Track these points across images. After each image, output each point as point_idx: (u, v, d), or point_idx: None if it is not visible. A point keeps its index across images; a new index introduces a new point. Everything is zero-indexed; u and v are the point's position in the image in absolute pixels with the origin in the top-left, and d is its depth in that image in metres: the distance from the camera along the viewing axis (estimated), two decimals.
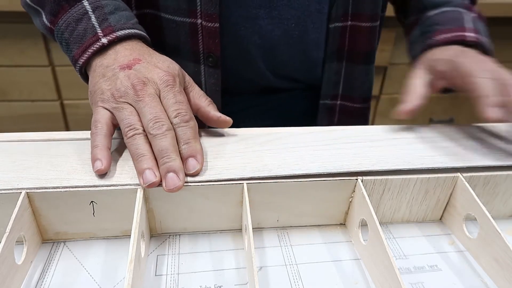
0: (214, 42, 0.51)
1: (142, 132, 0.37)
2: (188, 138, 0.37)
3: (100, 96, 0.40)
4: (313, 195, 0.38)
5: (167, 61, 0.42)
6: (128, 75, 0.39)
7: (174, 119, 0.38)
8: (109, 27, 0.43)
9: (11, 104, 1.34)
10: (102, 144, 0.37)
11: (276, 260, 0.37)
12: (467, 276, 0.36)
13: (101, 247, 0.37)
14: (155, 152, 0.36)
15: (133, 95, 0.38)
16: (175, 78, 0.40)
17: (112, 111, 0.39)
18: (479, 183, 0.40)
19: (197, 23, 0.51)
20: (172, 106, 0.38)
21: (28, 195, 0.34)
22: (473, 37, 0.51)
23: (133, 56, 0.41)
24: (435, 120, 1.60)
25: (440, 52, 0.50)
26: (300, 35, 0.55)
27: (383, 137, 0.44)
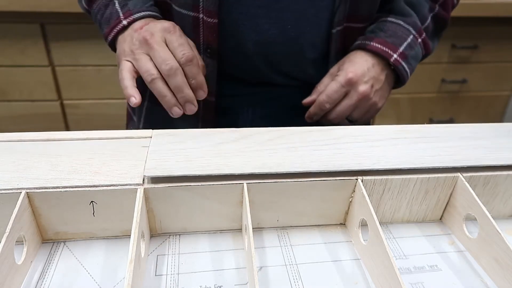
0: (213, 36, 0.55)
1: (158, 75, 0.48)
2: (194, 74, 0.49)
3: (123, 54, 0.51)
4: (313, 195, 0.38)
5: (171, 24, 0.51)
6: (140, 32, 0.50)
7: (181, 60, 0.48)
8: (128, 11, 0.53)
9: (11, 104, 1.34)
10: (130, 85, 0.48)
11: (276, 260, 0.37)
12: (467, 276, 0.36)
13: (101, 247, 0.37)
14: (171, 89, 0.48)
15: (145, 45, 0.49)
16: (175, 26, 0.50)
17: (132, 62, 0.50)
18: (479, 183, 0.40)
19: (199, 17, 0.55)
20: (177, 49, 0.48)
21: (28, 195, 0.34)
22: (397, 62, 0.57)
23: (146, 22, 0.52)
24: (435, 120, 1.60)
25: (359, 57, 0.57)
26: (296, 37, 0.57)
27: (383, 137, 0.44)
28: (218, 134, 0.43)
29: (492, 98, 1.61)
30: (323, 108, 0.56)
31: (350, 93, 0.55)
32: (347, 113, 0.57)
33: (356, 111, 0.57)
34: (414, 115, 1.57)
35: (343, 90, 0.55)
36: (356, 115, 0.58)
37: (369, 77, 0.56)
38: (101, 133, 0.42)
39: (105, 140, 0.41)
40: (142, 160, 0.38)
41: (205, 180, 0.36)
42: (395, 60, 0.57)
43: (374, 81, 0.56)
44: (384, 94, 0.59)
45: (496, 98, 1.61)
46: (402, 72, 0.58)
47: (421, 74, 1.49)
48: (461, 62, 1.50)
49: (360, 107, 0.57)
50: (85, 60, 1.28)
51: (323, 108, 0.56)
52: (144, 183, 0.35)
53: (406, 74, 0.58)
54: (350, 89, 0.55)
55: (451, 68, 1.50)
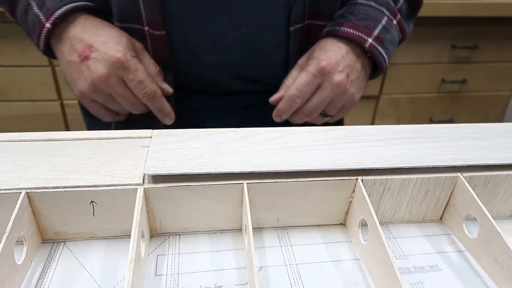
0: (163, 48, 0.52)
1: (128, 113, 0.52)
2: (158, 107, 0.50)
3: (79, 92, 0.49)
4: (313, 195, 0.38)
5: (114, 37, 0.47)
6: (89, 70, 0.46)
7: (143, 99, 0.48)
8: (47, 11, 0.47)
9: (11, 104, 1.34)
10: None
11: (276, 260, 0.37)
12: (467, 276, 0.36)
13: (101, 247, 0.37)
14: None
15: (102, 88, 0.47)
16: (127, 59, 0.46)
17: (96, 100, 0.49)
18: (479, 183, 0.40)
19: (144, 30, 0.51)
20: (136, 89, 0.47)
21: (28, 195, 0.34)
22: (372, 47, 0.50)
23: (85, 41, 0.47)
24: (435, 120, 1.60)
25: (330, 44, 0.51)
26: (254, 40, 0.53)
27: (383, 137, 0.44)
28: (218, 134, 0.43)
29: (492, 98, 1.61)
30: (293, 104, 0.50)
31: (324, 85, 0.49)
32: (320, 108, 0.51)
33: (331, 105, 0.51)
34: (414, 115, 1.57)
35: (316, 82, 0.49)
36: (331, 109, 0.52)
37: (344, 66, 0.49)
38: (101, 133, 0.42)
39: (105, 140, 0.41)
40: (142, 160, 0.38)
41: (205, 179, 0.36)
42: (370, 46, 0.50)
43: (350, 70, 0.50)
44: (361, 85, 0.53)
45: (496, 98, 1.61)
46: (379, 59, 0.52)
47: (421, 74, 1.49)
48: (461, 62, 1.50)
49: (336, 100, 0.51)
50: None
51: (293, 104, 0.50)
52: (144, 183, 0.35)
53: (383, 60, 0.52)
54: (323, 80, 0.49)
55: (451, 68, 1.50)
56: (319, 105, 0.50)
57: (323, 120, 0.54)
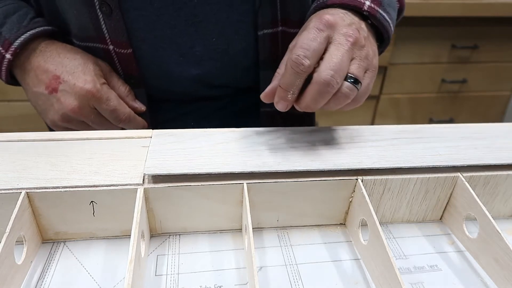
0: (132, 65, 0.50)
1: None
2: (134, 127, 0.50)
3: (50, 122, 0.48)
4: (313, 195, 0.38)
5: (80, 65, 0.47)
6: (60, 102, 0.46)
7: (118, 125, 0.49)
8: (5, 41, 0.45)
9: (11, 104, 1.34)
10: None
11: (276, 260, 0.37)
12: (467, 276, 0.36)
13: (101, 247, 0.37)
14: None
15: (76, 118, 0.47)
16: (97, 89, 0.46)
17: (69, 127, 0.49)
18: (479, 183, 0.40)
19: (109, 49, 0.49)
20: (110, 117, 0.48)
21: (28, 195, 0.34)
22: (372, 10, 0.42)
23: (50, 72, 0.46)
24: (435, 120, 1.60)
25: (322, 12, 0.41)
26: (225, 47, 0.51)
27: (383, 137, 0.44)
28: (218, 134, 0.43)
29: (492, 98, 1.61)
30: (300, 67, 0.35)
31: (335, 39, 0.37)
32: (345, 66, 0.36)
33: (354, 65, 0.38)
34: (414, 115, 1.57)
35: (323, 35, 0.37)
36: (356, 70, 0.37)
37: (350, 21, 0.40)
38: (101, 133, 0.42)
39: (105, 140, 0.41)
40: (142, 160, 0.38)
41: (205, 179, 0.36)
42: (369, 8, 0.42)
43: (358, 27, 0.40)
44: (375, 49, 0.42)
45: (496, 98, 1.61)
46: (383, 22, 0.43)
47: (421, 74, 1.49)
48: (461, 62, 1.50)
49: (357, 59, 0.38)
50: None
51: (300, 69, 0.36)
52: (144, 183, 0.35)
53: (388, 24, 0.44)
54: (331, 34, 0.38)
55: (451, 68, 1.50)
56: (342, 62, 0.36)
57: (353, 91, 0.37)
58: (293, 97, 0.37)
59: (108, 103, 0.47)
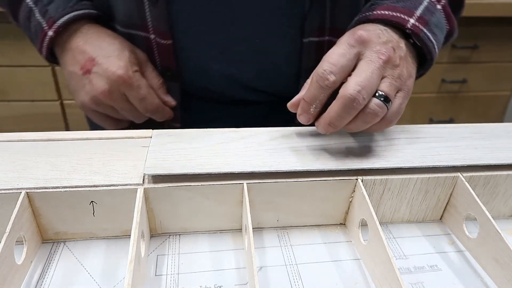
0: (169, 58, 0.50)
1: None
2: (161, 118, 0.50)
3: (80, 104, 0.48)
4: (313, 195, 0.38)
5: (116, 50, 0.46)
6: (91, 84, 0.46)
7: (146, 114, 0.48)
8: (50, 19, 0.47)
9: (11, 104, 1.34)
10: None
11: (276, 260, 0.37)
12: (467, 276, 0.36)
13: (101, 247, 0.37)
14: None
15: (105, 102, 0.47)
16: (129, 76, 0.45)
17: (98, 111, 0.49)
18: (479, 183, 0.40)
19: (150, 38, 0.49)
20: (138, 105, 0.47)
21: (28, 195, 0.34)
22: (416, 28, 0.40)
23: (87, 53, 0.46)
24: (435, 120, 1.60)
25: (361, 26, 0.41)
26: (266, 51, 0.50)
27: (384, 137, 0.44)
28: (218, 134, 0.43)
29: (492, 98, 1.60)
30: (325, 82, 0.35)
31: (366, 55, 0.36)
32: (374, 83, 0.35)
33: (384, 83, 0.36)
34: (414, 115, 1.57)
35: (353, 52, 0.36)
36: (387, 88, 0.36)
37: (387, 39, 0.38)
38: (101, 133, 0.42)
39: (105, 140, 0.41)
40: (142, 160, 0.38)
41: (205, 179, 0.36)
42: (413, 26, 0.40)
43: (395, 45, 0.38)
44: (411, 70, 0.40)
45: (496, 98, 1.61)
46: (427, 42, 0.40)
47: None
48: (461, 62, 1.49)
49: (389, 77, 0.36)
50: None
51: (324, 84, 0.35)
52: (144, 183, 0.35)
53: (432, 46, 0.41)
54: (363, 50, 0.36)
55: (451, 68, 1.50)
56: (371, 78, 0.35)
57: (383, 109, 0.36)
58: (316, 111, 0.37)
59: (138, 91, 0.46)
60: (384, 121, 0.37)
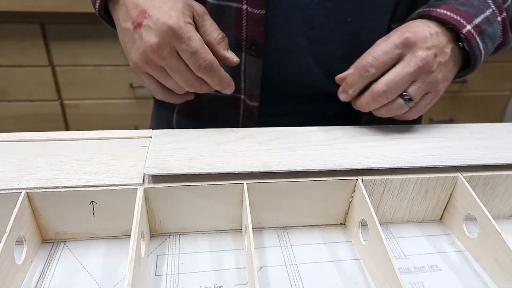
0: (259, 29, 0.48)
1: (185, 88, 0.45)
2: (215, 82, 0.44)
3: (132, 63, 0.45)
4: (313, 195, 0.38)
5: (169, 1, 0.43)
6: (141, 38, 0.42)
7: (198, 72, 0.42)
8: None
9: (11, 104, 1.34)
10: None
11: (276, 260, 0.37)
12: (467, 276, 0.36)
13: (101, 247, 0.37)
14: None
15: (154, 60, 0.42)
16: (179, 26, 0.41)
17: (149, 73, 0.45)
18: (479, 183, 0.40)
19: (242, 8, 0.48)
20: (190, 60, 0.42)
21: (28, 195, 0.34)
22: (470, 35, 0.43)
23: (139, 7, 0.43)
24: (435, 120, 1.60)
25: (419, 23, 0.44)
26: (355, 32, 0.49)
27: (383, 137, 0.44)
28: (218, 134, 0.43)
29: (492, 98, 1.61)
30: (365, 74, 0.41)
31: (406, 58, 0.41)
32: (401, 87, 0.41)
33: (414, 87, 0.42)
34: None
35: (396, 52, 0.41)
36: (416, 93, 0.42)
37: (432, 44, 0.41)
38: (101, 133, 0.42)
39: (105, 140, 0.41)
40: (142, 160, 0.38)
41: (205, 179, 0.36)
42: (468, 32, 0.42)
43: (438, 51, 0.41)
44: (448, 75, 0.44)
45: (496, 98, 1.61)
46: (475, 50, 0.43)
47: None
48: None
49: (420, 82, 0.41)
50: (85, 60, 1.28)
51: (365, 74, 0.41)
52: (144, 183, 0.35)
53: (479, 54, 0.44)
54: (405, 52, 0.41)
55: None
56: (400, 82, 0.40)
57: (404, 108, 0.43)
58: (353, 94, 0.44)
59: (189, 44, 0.41)
60: (406, 115, 0.44)
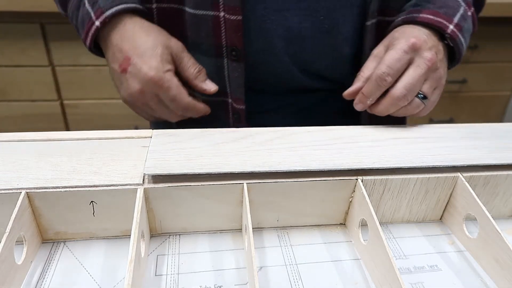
0: (237, 35, 0.51)
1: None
2: (195, 114, 0.50)
3: (121, 98, 0.50)
4: (313, 195, 0.38)
5: (149, 49, 0.47)
6: (127, 83, 0.48)
7: (178, 114, 0.49)
8: (98, 9, 0.48)
9: (11, 104, 1.34)
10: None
11: (276, 260, 0.37)
12: (467, 276, 0.36)
13: (101, 247, 0.37)
14: None
15: (140, 103, 0.49)
16: (159, 77, 0.46)
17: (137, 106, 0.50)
18: (479, 183, 0.40)
19: (219, 16, 0.50)
20: (170, 105, 0.48)
21: (28, 195, 0.34)
22: (454, 34, 0.48)
23: (124, 52, 0.48)
24: (435, 120, 1.60)
25: (411, 28, 0.48)
26: (329, 29, 0.53)
27: (383, 137, 0.44)
28: (218, 134, 0.43)
29: (492, 98, 1.60)
30: (383, 83, 0.44)
31: (416, 61, 0.45)
32: (417, 87, 0.45)
33: (427, 85, 0.46)
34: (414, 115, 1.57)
35: (406, 58, 0.44)
36: (428, 89, 0.46)
37: (432, 45, 0.46)
38: (101, 133, 0.42)
39: (105, 140, 0.41)
40: (142, 160, 0.38)
41: (205, 179, 0.36)
42: (452, 32, 0.47)
43: (437, 50, 0.46)
44: (445, 69, 0.49)
45: (496, 98, 1.61)
46: (459, 46, 0.49)
47: None
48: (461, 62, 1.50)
49: (429, 80, 0.46)
50: (85, 60, 1.28)
51: (382, 84, 0.44)
52: (144, 183, 0.35)
53: (462, 48, 0.50)
54: (414, 56, 0.45)
55: None
56: (417, 83, 0.44)
57: (420, 106, 0.46)
58: (371, 103, 0.46)
59: (168, 92, 0.47)
60: (422, 111, 0.47)
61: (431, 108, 0.48)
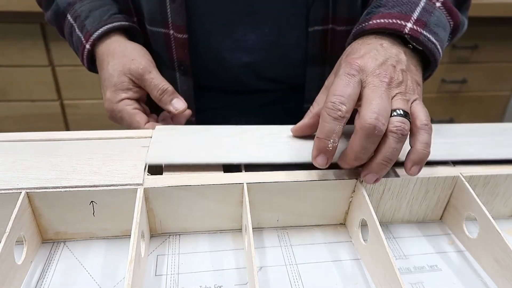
0: (184, 52, 0.54)
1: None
2: None
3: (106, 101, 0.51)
4: (313, 195, 0.38)
5: (108, 77, 0.49)
6: (112, 109, 0.50)
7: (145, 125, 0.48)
8: (87, 33, 0.52)
9: (11, 104, 1.34)
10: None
11: (276, 260, 0.37)
12: (467, 276, 0.36)
13: (101, 247, 0.37)
14: None
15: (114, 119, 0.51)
16: (112, 109, 0.49)
17: None
18: (479, 183, 0.40)
19: (169, 33, 0.53)
20: (132, 125, 0.48)
21: (28, 195, 0.34)
22: (415, 32, 0.40)
23: (100, 79, 0.51)
24: (435, 120, 1.60)
25: (359, 45, 0.40)
26: (276, 39, 0.54)
27: None
28: (218, 129, 0.43)
29: (492, 98, 1.60)
30: (338, 113, 0.34)
31: (369, 82, 0.36)
32: (386, 105, 0.35)
33: (396, 101, 0.36)
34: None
35: (355, 80, 0.36)
36: (400, 104, 0.36)
37: (385, 57, 0.38)
38: (101, 133, 0.42)
39: (105, 140, 0.42)
40: (142, 160, 0.38)
41: (205, 180, 0.36)
42: (411, 30, 0.40)
43: (394, 62, 0.38)
44: (417, 78, 0.40)
45: (496, 98, 1.61)
46: (427, 45, 0.40)
47: None
48: (461, 62, 1.49)
49: (398, 95, 0.36)
50: None
51: (337, 114, 0.34)
52: (144, 183, 0.35)
53: (434, 46, 0.41)
54: (366, 77, 0.36)
55: (451, 68, 1.50)
56: (382, 102, 0.35)
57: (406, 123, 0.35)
58: (334, 147, 0.35)
59: (121, 122, 0.49)
60: (425, 129, 0.36)
61: (429, 117, 0.37)
